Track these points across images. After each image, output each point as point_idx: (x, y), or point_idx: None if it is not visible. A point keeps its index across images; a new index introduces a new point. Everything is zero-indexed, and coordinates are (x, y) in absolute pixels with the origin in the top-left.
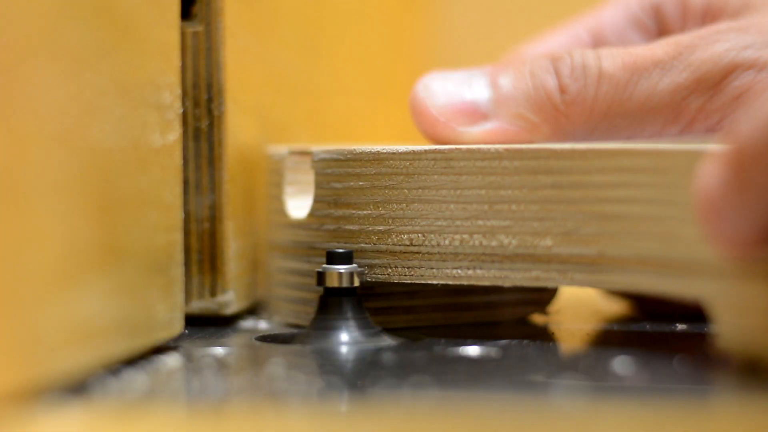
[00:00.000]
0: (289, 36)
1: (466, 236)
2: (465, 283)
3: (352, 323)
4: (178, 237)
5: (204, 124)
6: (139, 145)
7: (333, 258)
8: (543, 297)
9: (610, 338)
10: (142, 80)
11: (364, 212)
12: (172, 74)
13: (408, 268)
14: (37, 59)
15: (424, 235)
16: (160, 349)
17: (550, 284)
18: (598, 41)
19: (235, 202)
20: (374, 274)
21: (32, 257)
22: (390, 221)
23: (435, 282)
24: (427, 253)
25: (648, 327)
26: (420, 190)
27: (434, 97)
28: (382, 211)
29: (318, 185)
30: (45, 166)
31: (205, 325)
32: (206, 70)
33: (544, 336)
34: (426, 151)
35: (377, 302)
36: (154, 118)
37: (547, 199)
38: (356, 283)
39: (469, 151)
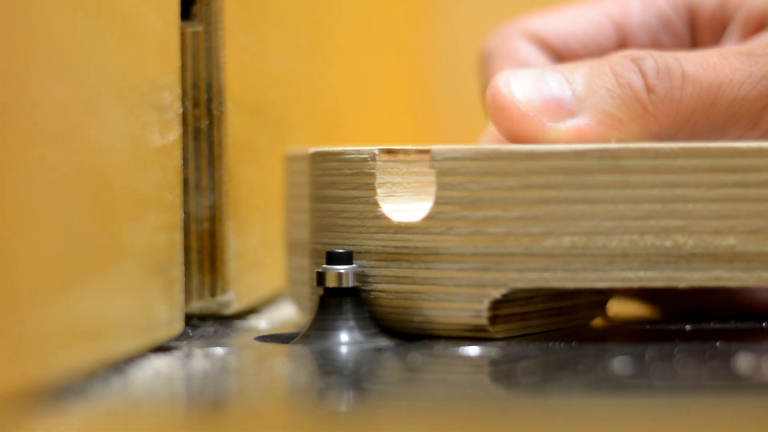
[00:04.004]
0: (289, 36)
1: (636, 237)
2: (636, 285)
3: (352, 323)
4: (178, 237)
5: (204, 124)
6: (138, 145)
7: (333, 258)
8: (605, 299)
9: (621, 337)
10: (142, 80)
11: (514, 214)
12: (172, 74)
13: (570, 271)
14: (37, 59)
15: (587, 237)
16: (160, 349)
17: (732, 284)
18: (623, 35)
19: (235, 202)
20: (528, 279)
21: (32, 257)
22: (547, 223)
23: (602, 285)
24: (592, 255)
25: (687, 327)
26: (584, 190)
27: (518, 92)
28: (537, 212)
29: (443, 186)
30: (45, 166)
31: (205, 325)
32: (206, 70)
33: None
34: (591, 150)
35: (510, 308)
36: (154, 118)
37: (729, 198)
38: (356, 284)
39: (639, 149)
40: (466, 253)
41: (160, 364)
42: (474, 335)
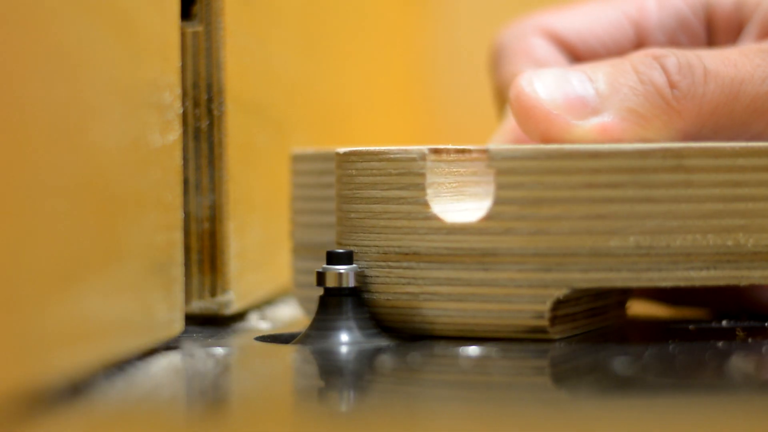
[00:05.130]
0: (289, 36)
1: (698, 236)
2: (698, 284)
3: (352, 323)
4: (178, 237)
5: (204, 124)
6: (139, 145)
7: (333, 258)
8: (626, 299)
9: (624, 336)
10: (142, 80)
11: (577, 214)
12: (172, 74)
13: (635, 271)
14: (37, 59)
15: (651, 236)
16: (160, 349)
17: None
18: (641, 35)
19: (235, 202)
20: (592, 279)
21: (32, 257)
22: (611, 222)
23: (665, 285)
24: (656, 254)
25: (691, 327)
26: (647, 189)
27: (542, 92)
28: (601, 212)
29: (502, 186)
30: (45, 166)
31: (205, 325)
32: (206, 70)
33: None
34: (654, 150)
35: (565, 309)
36: (154, 118)
37: None
38: (356, 284)
39: (702, 149)
40: (527, 253)
41: (160, 364)
42: (532, 337)
